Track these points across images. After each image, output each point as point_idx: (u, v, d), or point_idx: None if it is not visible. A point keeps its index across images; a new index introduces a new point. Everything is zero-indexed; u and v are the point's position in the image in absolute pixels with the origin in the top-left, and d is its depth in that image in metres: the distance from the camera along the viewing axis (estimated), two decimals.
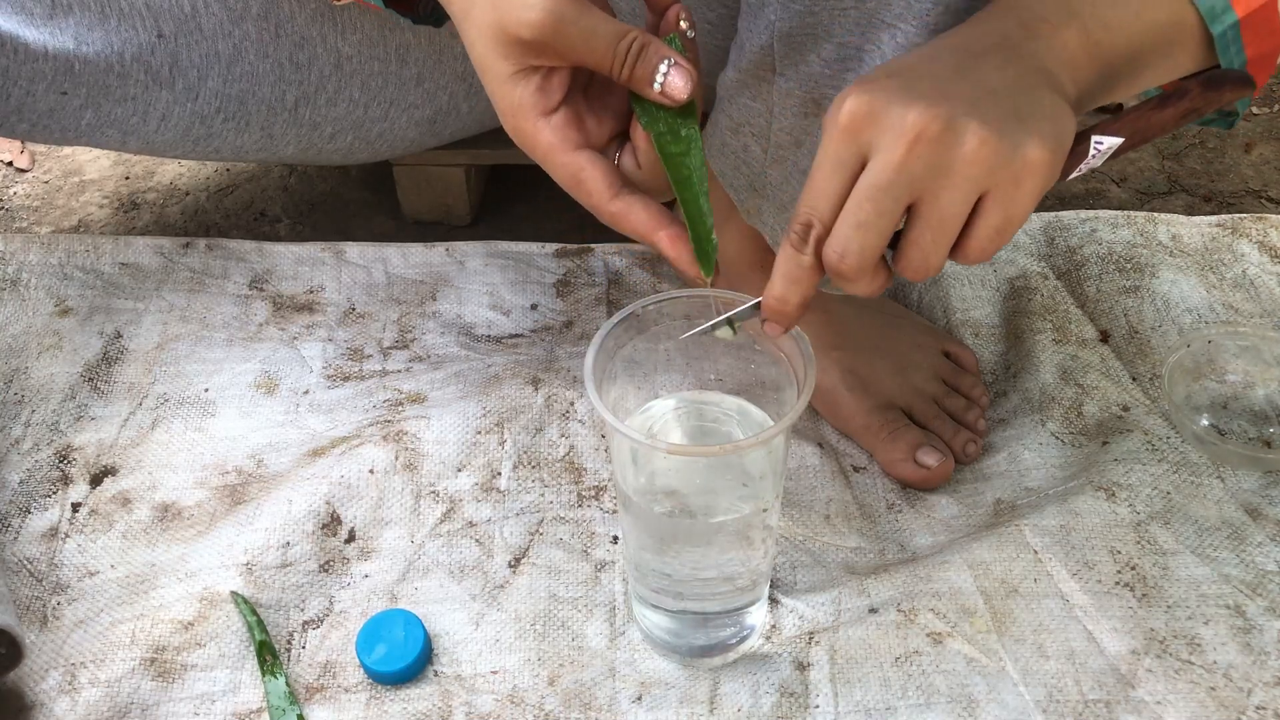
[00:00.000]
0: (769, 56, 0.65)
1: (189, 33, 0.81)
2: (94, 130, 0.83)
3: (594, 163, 0.54)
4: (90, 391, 0.84)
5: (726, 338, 0.56)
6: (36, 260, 0.93)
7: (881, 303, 0.86)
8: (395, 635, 0.66)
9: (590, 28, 0.51)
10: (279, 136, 0.87)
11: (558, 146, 0.53)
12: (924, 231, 0.48)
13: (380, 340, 0.88)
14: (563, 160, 0.53)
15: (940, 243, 0.49)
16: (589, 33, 0.51)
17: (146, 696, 0.65)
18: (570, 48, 0.52)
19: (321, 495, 0.75)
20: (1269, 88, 1.22)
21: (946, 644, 0.67)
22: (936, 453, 0.76)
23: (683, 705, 0.65)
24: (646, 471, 0.61)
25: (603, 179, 0.54)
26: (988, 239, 0.49)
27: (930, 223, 0.48)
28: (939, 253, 0.49)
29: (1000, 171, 0.47)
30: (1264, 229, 0.95)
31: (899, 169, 0.47)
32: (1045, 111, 0.49)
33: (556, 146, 0.53)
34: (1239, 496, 0.74)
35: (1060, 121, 0.49)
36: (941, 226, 0.48)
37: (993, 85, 0.48)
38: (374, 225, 1.06)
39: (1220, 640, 0.66)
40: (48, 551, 0.73)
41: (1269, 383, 0.82)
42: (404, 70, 0.86)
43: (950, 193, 0.48)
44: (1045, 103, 0.49)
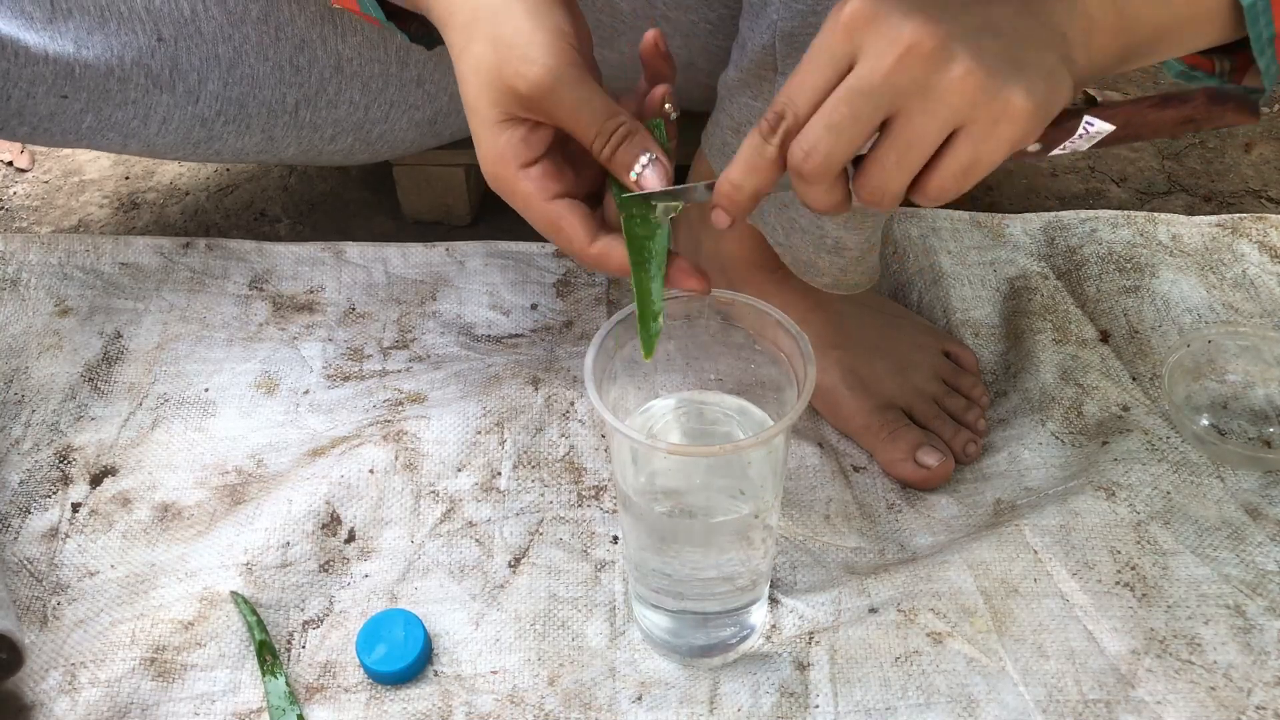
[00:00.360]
0: (771, 56, 0.66)
1: (189, 36, 0.81)
2: (95, 133, 0.83)
3: (572, 210, 0.54)
4: (90, 391, 0.84)
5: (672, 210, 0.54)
6: (36, 260, 0.93)
7: (882, 303, 0.86)
8: (395, 635, 0.66)
9: (584, 99, 0.51)
10: (279, 139, 0.87)
11: (535, 196, 0.53)
12: (890, 151, 0.47)
13: (380, 340, 0.88)
14: (540, 209, 0.53)
15: (904, 166, 0.48)
16: (581, 104, 0.51)
17: (146, 696, 0.65)
18: (559, 112, 0.52)
19: (321, 495, 0.75)
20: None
21: (946, 644, 0.67)
22: (936, 453, 0.76)
23: (683, 705, 0.65)
24: (646, 471, 0.61)
25: (580, 225, 0.54)
26: (951, 177, 0.48)
27: (898, 143, 0.47)
28: (900, 178, 0.48)
29: (980, 108, 0.46)
30: (1264, 229, 0.95)
31: (884, 77, 0.46)
32: (1043, 69, 0.47)
33: (534, 195, 0.53)
34: (1239, 496, 0.74)
35: (1055, 84, 0.47)
36: (909, 149, 0.47)
37: (1000, 27, 0.47)
38: (374, 225, 1.06)
39: (1220, 640, 0.67)
40: (48, 552, 0.73)
41: (1269, 383, 0.82)
42: (404, 72, 0.86)
43: (926, 116, 0.46)
44: (1047, 62, 0.48)
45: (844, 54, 0.46)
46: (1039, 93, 0.46)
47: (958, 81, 0.45)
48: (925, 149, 0.47)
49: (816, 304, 0.81)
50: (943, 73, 0.45)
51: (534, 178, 0.53)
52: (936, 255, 0.93)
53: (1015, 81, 0.46)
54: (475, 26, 0.53)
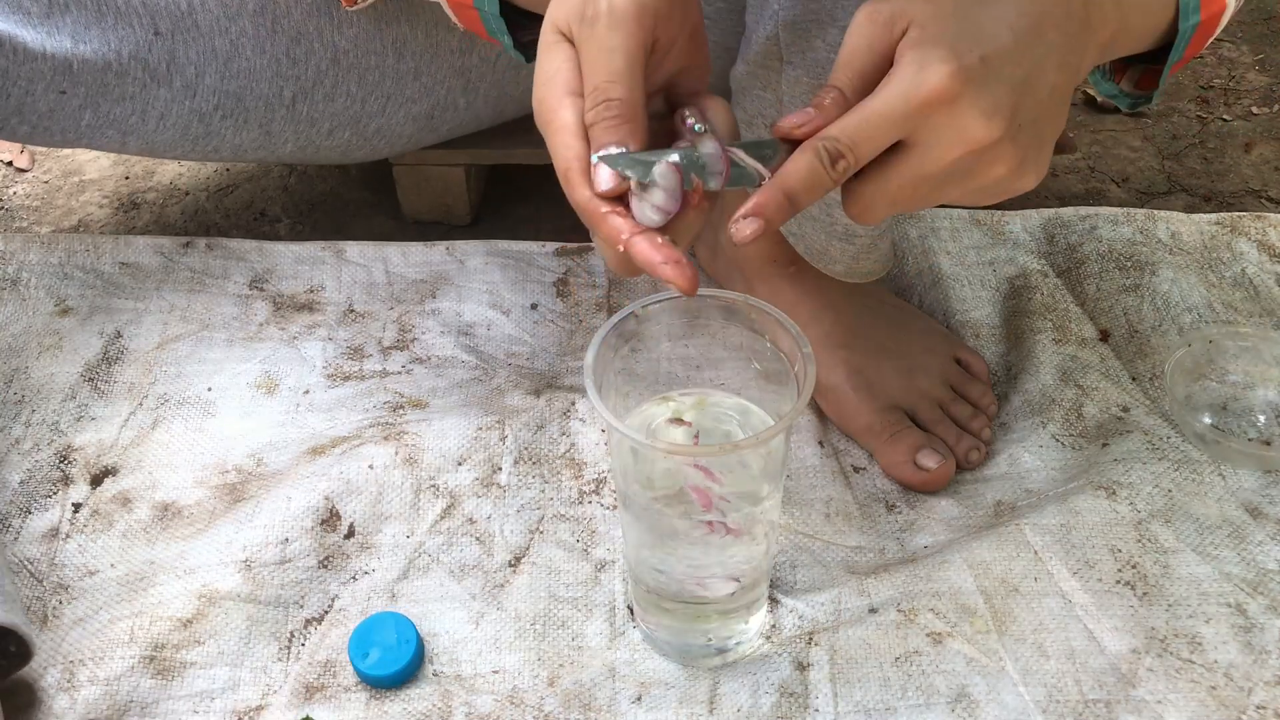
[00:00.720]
0: (776, 46, 0.66)
1: (185, 30, 0.81)
2: (94, 131, 0.83)
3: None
4: (90, 391, 0.84)
5: (712, 182, 0.51)
6: (36, 260, 0.93)
7: (896, 304, 0.86)
8: (388, 639, 0.66)
9: (608, 49, 0.49)
10: (277, 133, 0.87)
11: (570, 127, 0.50)
12: (911, 203, 0.52)
13: (380, 340, 0.88)
14: (567, 142, 0.50)
15: (899, 205, 0.52)
16: (602, 52, 0.49)
17: (145, 694, 0.65)
18: (583, 49, 0.50)
19: (320, 491, 0.75)
20: (1269, 88, 1.22)
21: (946, 644, 0.67)
22: (937, 455, 0.76)
23: (682, 705, 0.65)
24: (646, 470, 0.61)
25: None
26: (919, 205, 0.53)
27: (921, 201, 0.51)
28: (891, 213, 0.52)
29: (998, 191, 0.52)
30: (1263, 228, 0.95)
31: (942, 169, 0.50)
32: (1053, 140, 0.52)
33: (569, 127, 0.50)
34: (1240, 495, 0.74)
35: (1049, 155, 0.53)
36: (926, 203, 0.52)
37: (1047, 81, 0.50)
38: (374, 225, 1.06)
39: (1221, 639, 0.66)
40: (48, 552, 0.73)
41: (1269, 383, 0.82)
42: (400, 64, 0.86)
43: (957, 190, 0.51)
44: (1058, 122, 0.52)
45: (916, 124, 0.49)
46: (1042, 172, 0.52)
47: (994, 176, 0.51)
48: (929, 204, 0.52)
49: (827, 303, 0.81)
50: (986, 169, 0.50)
51: (577, 109, 0.50)
52: (936, 256, 0.92)
53: (1032, 168, 0.51)
54: None
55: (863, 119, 0.49)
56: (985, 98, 0.48)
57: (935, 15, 0.49)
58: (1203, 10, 0.55)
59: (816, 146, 0.49)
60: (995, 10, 0.49)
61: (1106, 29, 0.53)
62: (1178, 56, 0.57)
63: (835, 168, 0.49)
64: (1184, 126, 1.17)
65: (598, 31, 0.49)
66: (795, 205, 0.50)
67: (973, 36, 0.48)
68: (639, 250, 0.49)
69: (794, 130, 0.50)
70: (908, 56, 0.48)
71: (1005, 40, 0.49)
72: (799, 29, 0.64)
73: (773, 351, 0.60)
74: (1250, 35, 1.29)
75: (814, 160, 0.49)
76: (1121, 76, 0.61)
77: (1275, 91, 1.21)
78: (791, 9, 0.63)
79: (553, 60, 0.51)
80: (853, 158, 0.49)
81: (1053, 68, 0.50)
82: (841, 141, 0.49)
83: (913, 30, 0.49)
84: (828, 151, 0.49)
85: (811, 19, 0.63)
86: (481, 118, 0.94)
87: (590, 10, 0.49)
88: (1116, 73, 0.61)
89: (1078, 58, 0.52)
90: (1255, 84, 1.22)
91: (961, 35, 0.48)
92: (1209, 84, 1.23)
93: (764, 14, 0.66)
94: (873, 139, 0.49)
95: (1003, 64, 0.49)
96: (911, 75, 0.48)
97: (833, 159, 0.49)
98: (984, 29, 0.49)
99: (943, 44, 0.48)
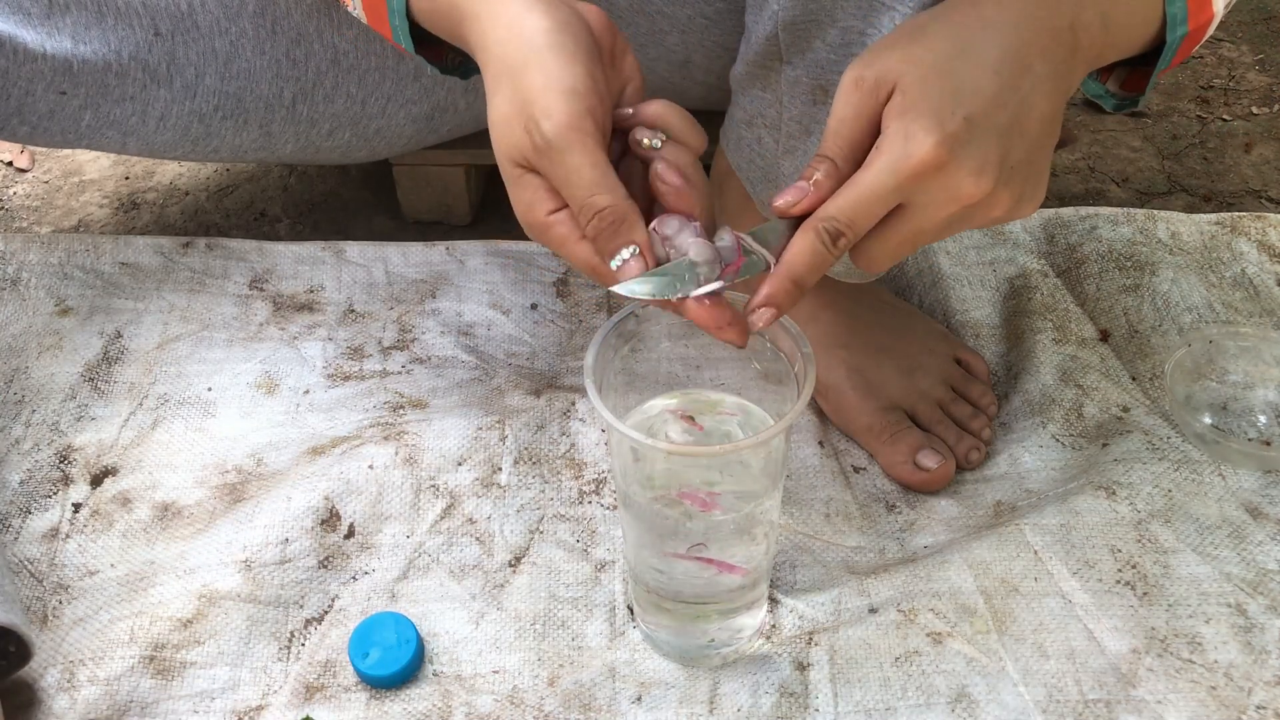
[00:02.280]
0: (775, 46, 0.66)
1: (186, 30, 0.81)
2: (94, 132, 0.83)
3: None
4: (90, 391, 0.84)
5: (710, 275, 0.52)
6: (36, 260, 0.93)
7: (897, 304, 0.86)
8: (387, 639, 0.66)
9: (574, 168, 0.51)
10: (277, 134, 0.87)
11: (568, 239, 0.53)
12: (907, 250, 0.53)
13: (380, 340, 0.88)
14: (575, 251, 0.53)
15: (902, 254, 0.54)
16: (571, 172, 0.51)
17: (145, 694, 0.65)
18: (552, 177, 0.52)
19: (320, 491, 0.75)
20: (1269, 88, 1.22)
21: (946, 644, 0.67)
22: (937, 455, 0.76)
23: (682, 705, 0.65)
24: (647, 470, 0.61)
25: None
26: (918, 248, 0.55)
27: (917, 244, 0.53)
28: (895, 262, 0.54)
29: (1000, 223, 0.54)
30: (1263, 228, 0.95)
31: (936, 225, 0.52)
32: (1046, 160, 0.54)
33: (567, 239, 0.53)
34: (1240, 495, 0.74)
35: (1044, 181, 0.54)
36: (915, 246, 0.53)
37: (1036, 114, 0.51)
38: (374, 225, 1.06)
39: (1221, 639, 0.66)
40: (48, 552, 0.73)
41: (1269, 383, 0.82)
42: (401, 65, 0.86)
43: (957, 231, 0.53)
44: (1051, 142, 0.53)
45: (908, 193, 0.50)
46: (1041, 196, 0.54)
47: (993, 218, 0.53)
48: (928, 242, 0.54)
49: (827, 302, 0.81)
50: (984, 214, 0.52)
51: (565, 221, 0.53)
52: (935, 256, 0.92)
53: (1030, 198, 0.53)
54: (502, 77, 0.53)
55: (857, 196, 0.50)
56: (973, 158, 0.49)
57: (918, 78, 0.50)
58: (1190, 21, 0.56)
59: (817, 228, 0.51)
60: (978, 55, 0.50)
61: (1094, 46, 0.54)
62: (1165, 64, 0.57)
63: (836, 245, 0.51)
64: (1184, 126, 1.17)
65: (557, 162, 0.51)
66: (803, 288, 0.52)
67: (954, 96, 0.50)
68: (692, 314, 0.52)
69: (790, 209, 0.52)
70: (893, 126, 0.50)
71: (988, 89, 0.50)
72: (798, 29, 0.64)
73: (773, 351, 0.60)
74: (1250, 35, 1.29)
75: (815, 242, 0.51)
76: (1108, 76, 0.62)
77: (1275, 91, 1.21)
78: (791, 9, 0.63)
79: (524, 191, 0.53)
80: (851, 234, 0.51)
81: (1042, 97, 0.51)
82: (840, 220, 0.51)
83: (896, 96, 0.50)
84: (828, 232, 0.51)
85: (811, 19, 0.63)
86: (481, 118, 0.94)
87: (540, 143, 0.51)
88: (1103, 73, 0.61)
89: (1066, 80, 0.53)
90: (1255, 84, 1.22)
91: (944, 96, 0.50)
92: (1209, 84, 1.23)
93: (763, 14, 0.66)
94: (869, 213, 0.51)
95: (987, 117, 0.50)
96: (899, 147, 0.49)
97: (833, 238, 0.51)
98: (965, 84, 0.50)
99: (926, 110, 0.49)
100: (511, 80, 0.53)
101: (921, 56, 0.51)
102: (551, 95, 0.51)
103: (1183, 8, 0.55)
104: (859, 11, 0.61)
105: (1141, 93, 0.61)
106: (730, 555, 0.61)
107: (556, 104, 0.51)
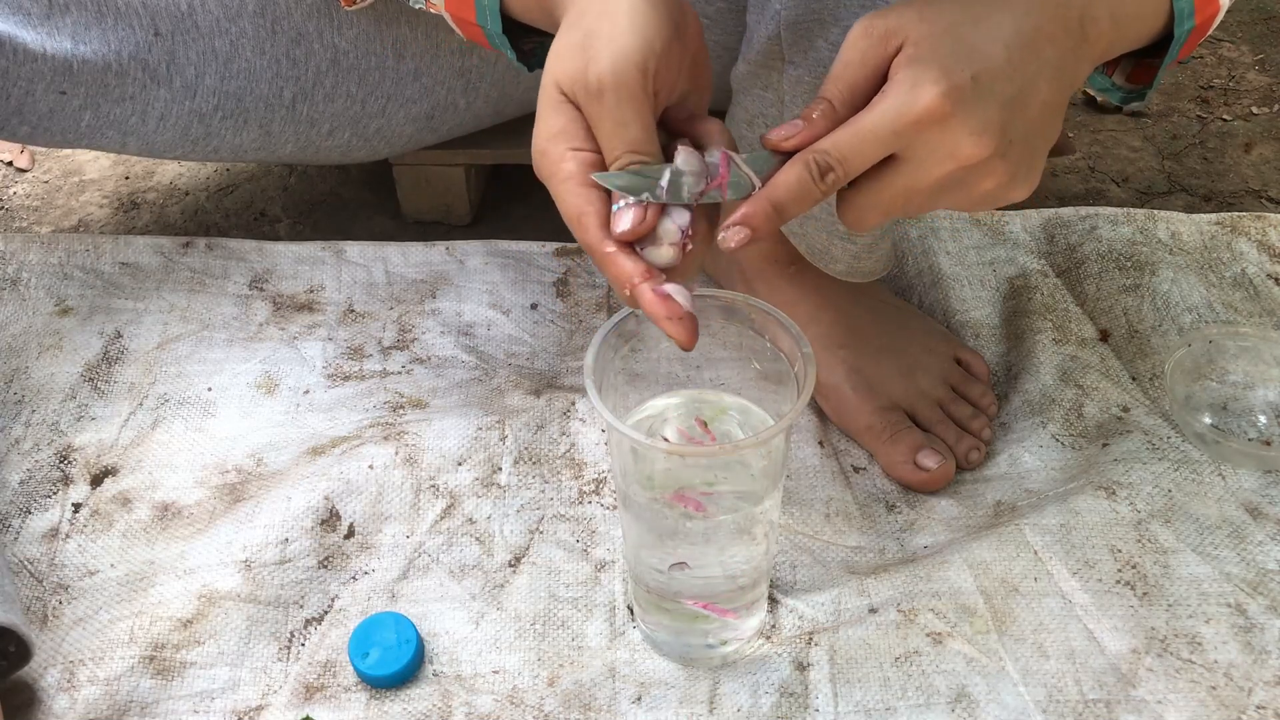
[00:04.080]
0: (777, 45, 0.66)
1: (185, 30, 0.81)
2: (94, 132, 0.83)
3: (603, 204, 0.53)
4: (90, 391, 0.84)
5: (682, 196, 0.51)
6: (36, 260, 0.93)
7: (897, 304, 0.86)
8: (387, 639, 0.66)
9: (621, 120, 0.50)
10: (277, 134, 0.87)
11: (574, 178, 0.52)
12: (899, 210, 0.53)
13: (380, 339, 0.88)
14: (574, 193, 0.52)
15: (891, 213, 0.53)
16: (616, 123, 0.50)
17: (145, 694, 0.65)
18: (596, 121, 0.51)
19: (320, 491, 0.75)
20: (1269, 88, 1.22)
21: (946, 644, 0.67)
22: (937, 455, 0.76)
23: (682, 705, 0.65)
24: (647, 470, 0.61)
25: (603, 222, 0.53)
26: (910, 212, 0.54)
27: (910, 209, 0.53)
28: (883, 221, 0.54)
29: (989, 202, 0.53)
30: (1263, 228, 0.95)
31: (932, 182, 0.51)
32: (1044, 149, 0.53)
33: (574, 178, 0.52)
34: (1240, 495, 0.74)
35: (1038, 169, 0.54)
36: (915, 210, 0.53)
37: (1039, 98, 0.51)
38: (374, 225, 1.06)
39: (1221, 639, 0.66)
40: (48, 552, 0.73)
41: (1269, 383, 0.82)
42: (401, 65, 0.86)
43: (948, 200, 0.52)
44: (1051, 134, 0.53)
45: (907, 141, 0.50)
46: (1034, 184, 0.53)
47: (985, 189, 0.52)
48: (928, 211, 0.54)
49: (826, 302, 0.81)
50: (977, 182, 0.51)
51: (579, 161, 0.52)
52: (935, 256, 0.92)
53: (1023, 181, 0.52)
54: (580, 18, 0.53)
55: (854, 134, 0.50)
56: (975, 116, 0.49)
57: (929, 34, 0.50)
58: (1197, 14, 0.56)
59: (807, 159, 0.50)
60: (989, 27, 0.50)
61: (1102, 41, 0.54)
62: (1172, 57, 0.57)
63: (824, 180, 0.50)
64: (1184, 126, 1.17)
65: (606, 105, 0.50)
66: (783, 216, 0.51)
67: (965, 55, 0.49)
68: (644, 301, 0.51)
69: (782, 142, 0.51)
70: (901, 74, 0.49)
71: (998, 58, 0.50)
72: (801, 28, 0.64)
73: (773, 351, 0.60)
74: (1250, 35, 1.29)
75: (803, 172, 0.50)
76: (1113, 69, 0.62)
77: (1275, 91, 1.21)
78: (793, 8, 0.64)
79: (557, 118, 0.52)
80: (842, 171, 0.50)
81: (1046, 83, 0.51)
82: (832, 155, 0.50)
83: (907, 48, 0.50)
84: (817, 165, 0.50)
85: (814, 18, 0.63)
86: (482, 118, 0.94)
87: (594, 79, 0.50)
88: (1109, 66, 0.62)
89: (1073, 72, 0.53)
90: (1255, 84, 1.22)
91: (954, 54, 0.49)
92: (1209, 84, 1.23)
93: (765, 13, 0.66)
94: (862, 154, 0.50)
95: (994, 82, 0.50)
96: (904, 93, 0.49)
97: (822, 172, 0.50)
98: (977, 47, 0.50)
99: (935, 63, 0.49)
100: (587, 19, 0.52)
101: (934, 16, 0.50)
102: (621, 40, 0.50)
103: (1189, 3, 0.55)
104: (861, 11, 0.61)
105: (1148, 85, 0.60)
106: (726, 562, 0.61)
107: (624, 49, 0.50)
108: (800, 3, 0.63)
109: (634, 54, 0.50)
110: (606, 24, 0.51)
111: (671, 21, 0.52)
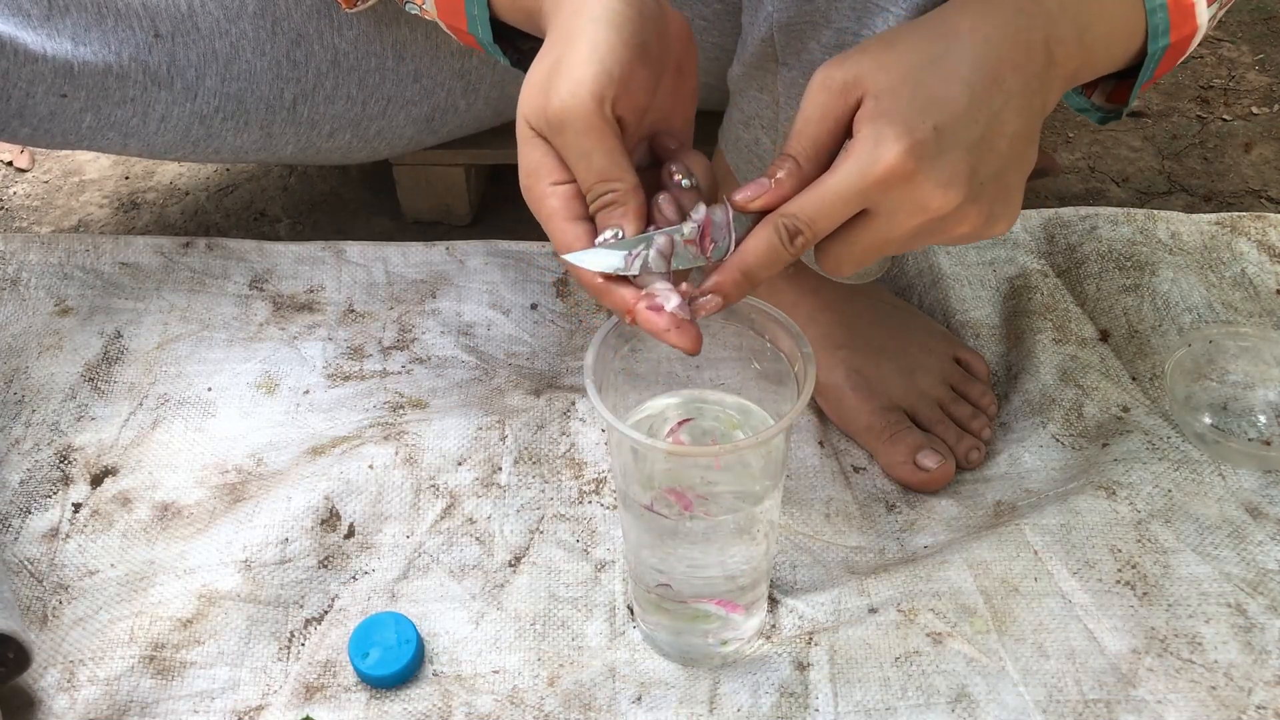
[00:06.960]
0: (771, 48, 0.66)
1: (186, 32, 0.81)
2: (95, 133, 0.83)
3: (591, 235, 0.53)
4: (91, 391, 0.84)
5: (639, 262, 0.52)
6: (36, 260, 0.93)
7: (896, 304, 0.86)
8: (388, 639, 0.66)
9: (585, 150, 0.50)
10: (278, 135, 0.87)
11: (559, 214, 0.52)
12: (874, 255, 0.53)
13: (380, 340, 0.88)
14: (560, 228, 0.53)
15: (867, 260, 0.53)
16: (581, 154, 0.51)
17: (145, 694, 0.65)
18: (564, 152, 0.52)
19: (320, 491, 0.75)
20: (1269, 88, 1.22)
21: (946, 644, 0.67)
22: (937, 455, 0.76)
23: (682, 705, 0.65)
24: (646, 470, 0.61)
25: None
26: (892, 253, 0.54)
27: (885, 251, 0.53)
28: (860, 268, 0.54)
29: (970, 240, 0.53)
30: (1263, 228, 0.95)
31: (903, 235, 0.51)
32: (1019, 181, 0.53)
33: (558, 214, 0.52)
34: (1240, 495, 0.74)
35: (1016, 202, 0.53)
36: (881, 254, 0.53)
37: (1007, 131, 0.51)
38: (374, 225, 1.06)
39: (1221, 639, 0.66)
40: (48, 552, 0.73)
41: (1269, 383, 0.82)
42: (401, 67, 0.86)
43: (925, 244, 0.53)
44: (1025, 164, 0.53)
45: (873, 199, 0.50)
46: (1014, 217, 0.53)
47: (961, 233, 0.52)
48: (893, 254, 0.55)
49: (826, 303, 0.81)
50: (952, 229, 0.52)
51: (561, 196, 0.52)
52: (935, 256, 0.92)
53: (1001, 217, 0.52)
54: (554, 45, 0.53)
55: (820, 196, 0.50)
56: (941, 169, 0.49)
57: (888, 85, 0.50)
58: (1173, 33, 0.55)
59: (776, 223, 0.51)
60: (949, 67, 0.50)
61: (1071, 62, 0.53)
62: (1147, 77, 0.57)
63: (793, 244, 0.51)
64: (1184, 126, 1.17)
65: (567, 138, 0.51)
66: (753, 281, 0.52)
67: (924, 106, 0.49)
68: (644, 321, 0.52)
69: (748, 204, 0.51)
70: (863, 132, 0.49)
71: (959, 102, 0.50)
72: (793, 31, 0.64)
73: (773, 351, 0.60)
74: (1250, 35, 1.29)
75: (772, 236, 0.51)
76: (1092, 91, 0.61)
77: (1275, 91, 1.21)
78: (786, 11, 0.64)
79: (532, 153, 0.53)
80: (810, 233, 0.51)
81: (1013, 114, 0.51)
82: (800, 218, 0.50)
83: (867, 101, 0.50)
84: (786, 229, 0.50)
85: (806, 21, 0.63)
86: (482, 119, 0.94)
87: (553, 113, 0.50)
88: (1087, 87, 0.61)
89: (1041, 98, 0.52)
90: (1255, 84, 1.22)
91: (914, 105, 0.49)
92: (1209, 84, 1.23)
93: (759, 16, 0.66)
94: (830, 215, 0.50)
95: (957, 129, 0.49)
96: (866, 153, 0.49)
97: (791, 235, 0.50)
98: (935, 96, 0.50)
99: (896, 118, 0.49)
100: (556, 47, 0.52)
101: (892, 64, 0.50)
102: (578, 71, 0.50)
103: (1164, 19, 0.55)
104: (853, 13, 0.61)
105: (1125, 104, 0.60)
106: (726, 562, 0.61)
107: (580, 79, 0.50)
108: (792, 5, 0.63)
109: (589, 84, 0.50)
110: (570, 52, 0.51)
111: (637, 42, 0.51)
